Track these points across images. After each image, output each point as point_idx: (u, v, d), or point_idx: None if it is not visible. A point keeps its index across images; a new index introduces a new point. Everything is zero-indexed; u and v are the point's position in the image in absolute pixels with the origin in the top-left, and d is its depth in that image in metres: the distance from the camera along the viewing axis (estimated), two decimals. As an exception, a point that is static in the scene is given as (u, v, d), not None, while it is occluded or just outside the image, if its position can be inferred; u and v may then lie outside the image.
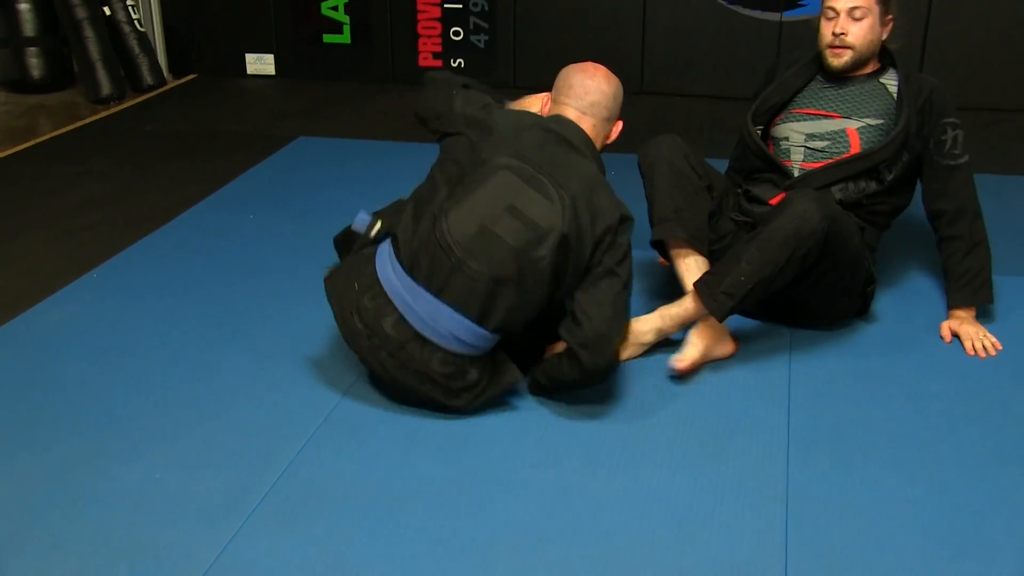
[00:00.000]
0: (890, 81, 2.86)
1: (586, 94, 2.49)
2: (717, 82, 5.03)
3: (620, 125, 2.57)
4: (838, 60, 2.80)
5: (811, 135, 2.88)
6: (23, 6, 5.20)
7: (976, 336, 2.75)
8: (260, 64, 5.72)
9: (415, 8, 5.43)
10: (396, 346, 2.36)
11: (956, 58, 4.93)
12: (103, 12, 5.25)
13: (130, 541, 2.01)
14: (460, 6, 5.37)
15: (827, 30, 2.80)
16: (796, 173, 2.87)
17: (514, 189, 2.36)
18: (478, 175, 2.40)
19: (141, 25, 5.44)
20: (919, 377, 2.62)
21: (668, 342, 2.71)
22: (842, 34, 2.76)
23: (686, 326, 2.66)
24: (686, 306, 2.64)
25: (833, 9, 2.78)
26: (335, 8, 5.52)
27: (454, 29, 5.42)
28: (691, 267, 2.76)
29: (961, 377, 2.62)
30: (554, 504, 2.14)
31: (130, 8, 5.37)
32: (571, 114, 2.49)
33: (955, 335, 2.79)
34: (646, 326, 2.67)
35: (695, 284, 2.61)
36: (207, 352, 2.75)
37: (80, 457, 2.28)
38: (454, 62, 5.46)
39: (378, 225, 2.57)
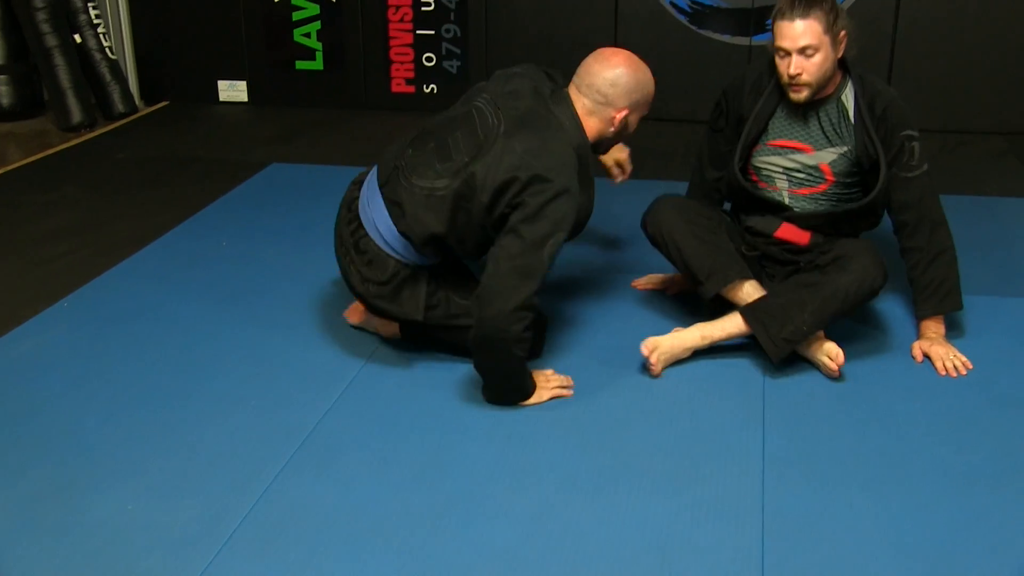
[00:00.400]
0: (848, 99, 2.89)
1: (587, 75, 2.61)
2: (689, 106, 5.06)
3: (624, 114, 2.62)
4: (798, 95, 2.82)
5: (788, 168, 2.93)
6: (-8, 34, 5.18)
7: (947, 356, 2.77)
8: (232, 91, 5.71)
9: (387, 34, 5.44)
10: (347, 224, 2.72)
11: (923, 82, 4.98)
12: (73, 40, 5.23)
13: (101, 574, 1.99)
14: (432, 32, 5.39)
15: (782, 69, 2.80)
16: (786, 199, 2.94)
17: (466, 126, 2.59)
18: (457, 105, 2.70)
19: (112, 52, 5.43)
20: (891, 397, 2.63)
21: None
22: (798, 74, 2.77)
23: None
24: (729, 331, 2.78)
25: (783, 49, 2.77)
26: (307, 35, 5.53)
27: (427, 55, 5.44)
28: (750, 294, 2.83)
29: (933, 396, 2.63)
30: (532, 528, 2.13)
31: (101, 35, 5.36)
32: (572, 91, 2.63)
33: (926, 355, 2.81)
34: (688, 343, 2.78)
35: (747, 316, 2.75)
36: (180, 380, 2.73)
37: (51, 488, 2.26)
38: (427, 88, 5.48)
39: None
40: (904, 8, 4.92)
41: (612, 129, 2.64)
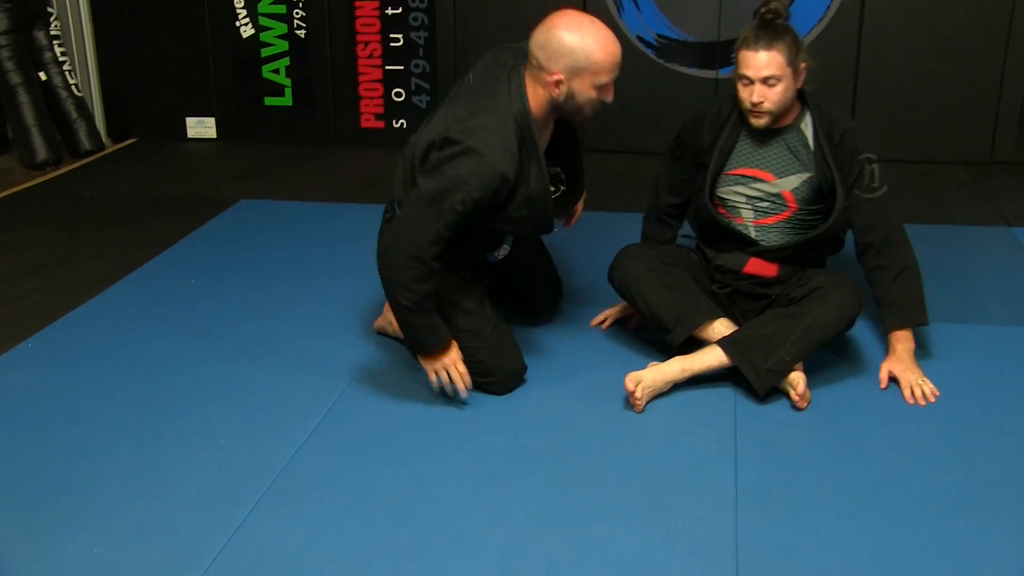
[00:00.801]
0: (807, 127, 2.95)
1: (530, 40, 2.62)
2: (658, 139, 5.09)
3: (558, 78, 2.56)
4: (759, 121, 2.87)
5: (752, 197, 2.97)
6: (-44, 72, 5.15)
7: (915, 383, 2.79)
8: (201, 127, 5.70)
9: (356, 70, 5.46)
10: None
11: (886, 114, 5.05)
12: (38, 77, 5.21)
13: (70, 617, 1.96)
14: (401, 67, 5.41)
15: (744, 96, 2.85)
16: (752, 232, 2.98)
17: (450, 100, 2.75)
18: None
19: (78, 90, 5.41)
20: (862, 425, 2.65)
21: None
22: (760, 102, 2.82)
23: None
24: (709, 364, 2.79)
25: (747, 77, 2.83)
26: (276, 71, 5.53)
27: (396, 90, 5.45)
28: (720, 332, 2.85)
29: (904, 424, 2.65)
30: (506, 564, 2.12)
31: (67, 73, 5.34)
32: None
33: (893, 380, 2.83)
34: (668, 376, 2.78)
35: (728, 349, 2.76)
36: (149, 419, 2.70)
37: (18, 531, 2.23)
38: (396, 123, 5.49)
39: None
40: (866, 42, 5.00)
41: (557, 94, 2.58)
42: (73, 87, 5.36)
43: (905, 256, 2.92)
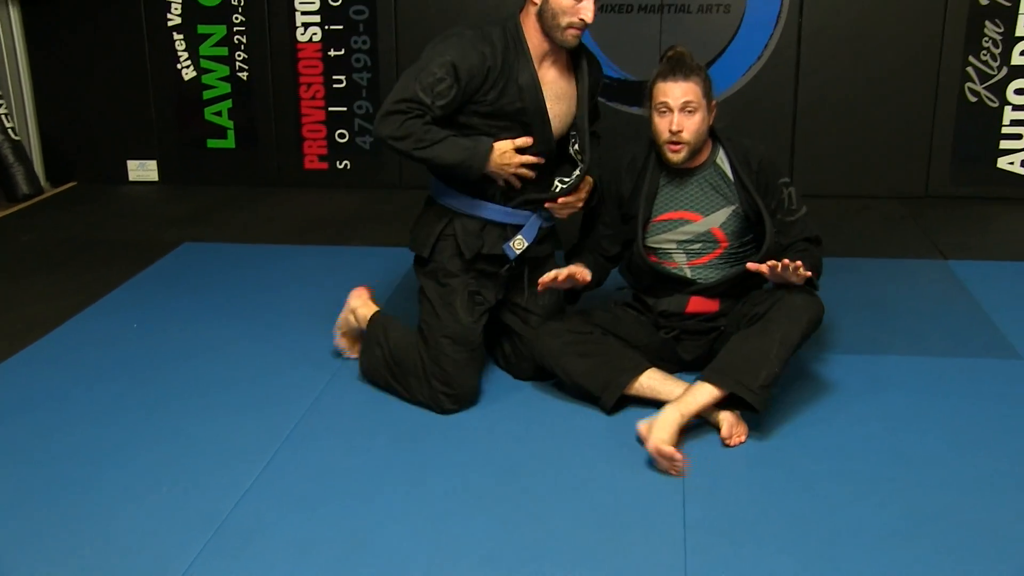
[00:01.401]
0: (723, 161, 3.01)
1: None
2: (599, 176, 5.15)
3: None
4: (677, 155, 2.92)
5: (682, 241, 3.02)
6: None
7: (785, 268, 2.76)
8: (142, 170, 5.66)
9: (299, 111, 5.46)
10: None
11: (823, 151, 5.16)
12: (-25, 122, 5.15)
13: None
14: (344, 109, 5.42)
15: (662, 127, 2.91)
16: (688, 272, 3.02)
17: None
18: None
19: (16, 133, 5.35)
20: (806, 459, 2.67)
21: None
22: (679, 131, 2.88)
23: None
24: (703, 402, 2.73)
25: (666, 105, 2.89)
26: (219, 113, 5.52)
27: (339, 131, 5.46)
28: (652, 384, 2.88)
29: (846, 457, 2.68)
30: (454, 607, 2.11)
31: (3, 116, 5.28)
32: None
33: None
34: (675, 426, 2.66)
35: (715, 379, 2.72)
36: (89, 467, 2.66)
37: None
38: (340, 164, 5.49)
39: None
40: (803, 81, 5.10)
41: (535, 4, 2.81)
42: (10, 131, 5.30)
43: (814, 251, 2.99)
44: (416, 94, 2.76)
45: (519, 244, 3.00)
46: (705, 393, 2.73)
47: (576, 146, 3.02)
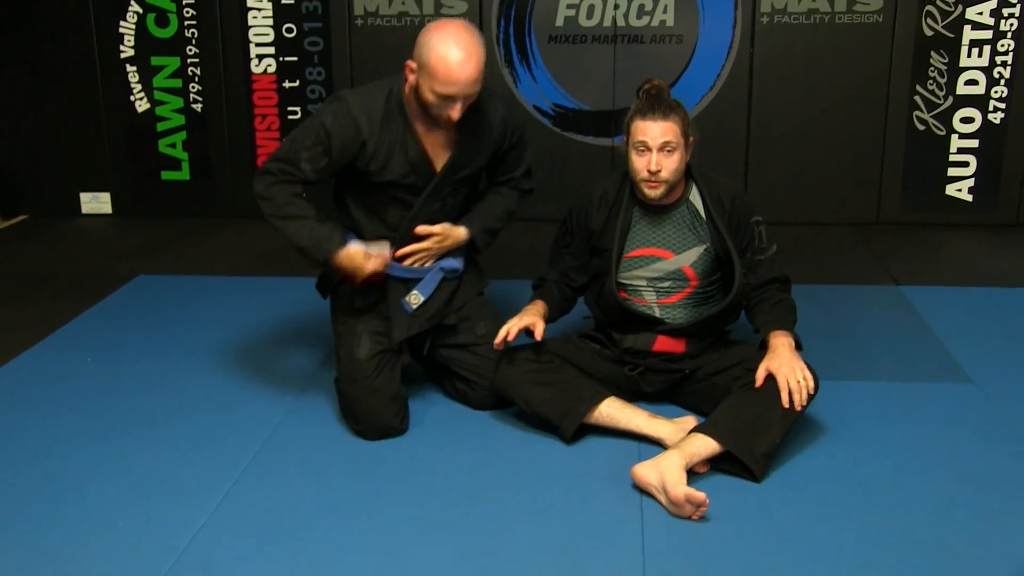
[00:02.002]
0: (696, 199, 3.02)
1: None
2: (556, 206, 5.17)
3: (412, 67, 2.78)
4: (654, 192, 2.93)
5: (652, 279, 3.02)
6: None
7: (792, 383, 2.75)
8: (96, 203, 5.61)
9: (254, 143, 5.44)
10: None
11: (776, 178, 5.22)
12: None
13: None
14: (300, 140, 5.41)
15: (640, 165, 2.90)
16: (656, 311, 3.02)
17: None
18: None
19: (-33, 167, 5.29)
20: (762, 485, 2.69)
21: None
22: (658, 171, 2.88)
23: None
24: (704, 455, 2.67)
25: (645, 144, 2.87)
26: (173, 145, 5.49)
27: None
28: (611, 412, 2.88)
29: (804, 483, 2.70)
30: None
31: (-45, 150, 5.23)
32: None
33: (771, 376, 2.79)
34: (679, 471, 2.58)
35: (720, 437, 2.68)
36: (40, 504, 2.61)
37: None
38: (296, 195, 5.47)
39: None
40: (755, 109, 5.17)
41: (411, 80, 2.78)
42: (-39, 164, 5.24)
43: (786, 297, 3.01)
44: (290, 155, 2.86)
45: (415, 299, 3.02)
46: (707, 446, 2.68)
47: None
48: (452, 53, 2.67)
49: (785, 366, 2.78)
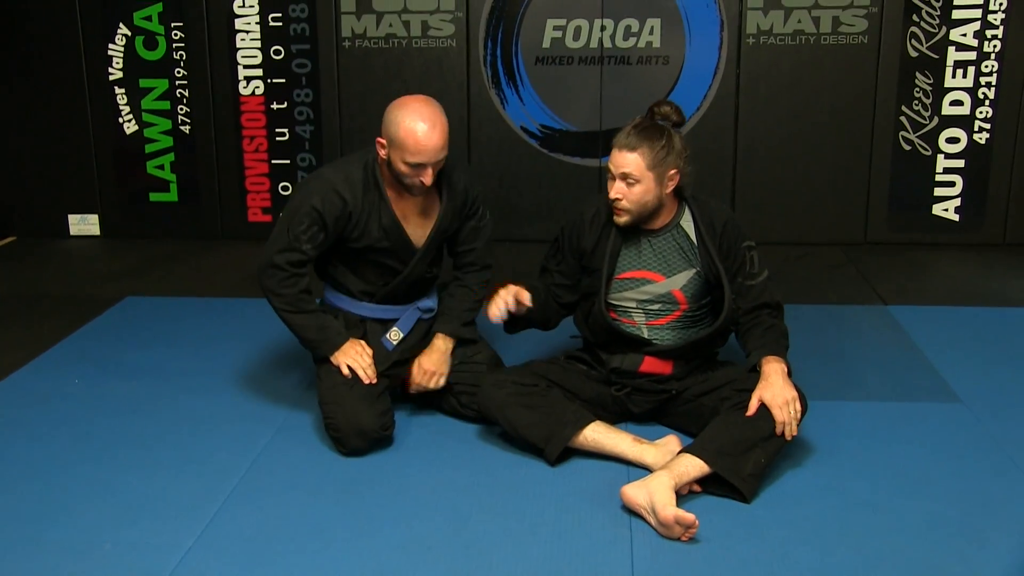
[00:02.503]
0: (688, 223, 3.03)
1: None
2: (542, 227, 5.19)
3: (382, 142, 2.95)
4: (619, 218, 2.96)
5: (642, 301, 3.03)
6: None
7: (785, 414, 2.75)
8: (84, 224, 5.60)
9: (243, 164, 5.45)
10: None
11: (764, 199, 5.25)
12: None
13: None
14: (288, 161, 5.42)
15: (609, 190, 2.94)
16: (645, 332, 3.03)
17: None
18: None
19: (-45, 189, 5.28)
20: (753, 505, 2.68)
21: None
22: (617, 198, 2.90)
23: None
24: (693, 477, 2.67)
25: (610, 171, 2.92)
26: (161, 167, 5.49)
27: (282, 184, 5.45)
28: (596, 437, 2.88)
29: (794, 503, 2.70)
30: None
31: (-58, 172, 5.21)
32: None
33: (763, 406, 2.78)
34: (669, 494, 2.57)
35: (708, 458, 2.68)
36: (27, 528, 2.59)
37: None
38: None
39: None
40: (742, 130, 5.20)
41: (383, 155, 2.96)
42: (-52, 186, 5.23)
43: (778, 322, 3.01)
44: (292, 243, 2.99)
45: (395, 336, 3.19)
46: (695, 467, 2.67)
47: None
48: (419, 126, 2.87)
49: (778, 397, 2.78)
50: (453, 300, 3.26)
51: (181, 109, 5.40)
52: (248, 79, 5.34)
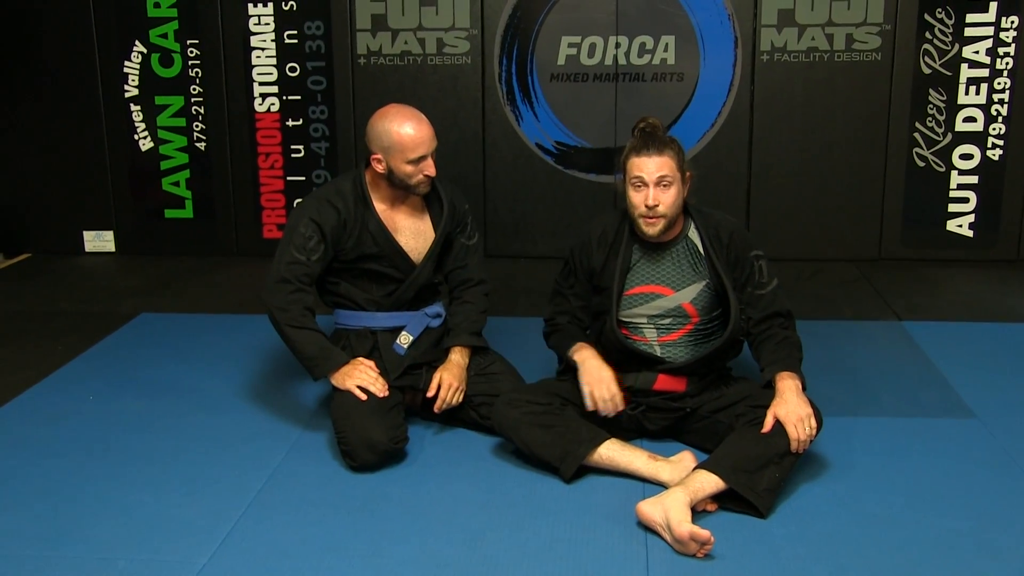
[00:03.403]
0: (695, 235, 3.05)
1: None
2: (557, 243, 5.20)
3: (378, 157, 3.11)
4: (653, 228, 2.95)
5: (653, 316, 3.03)
6: None
7: (800, 430, 2.74)
8: (99, 241, 5.63)
9: (258, 181, 5.47)
10: None
11: (778, 215, 5.24)
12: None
13: None
14: (303, 178, 5.44)
15: (638, 200, 2.93)
16: (657, 350, 3.03)
17: None
18: None
19: (-28, 206, 5.31)
20: (767, 521, 2.67)
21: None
22: (655, 205, 2.91)
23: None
24: (709, 492, 2.66)
25: (641, 180, 2.92)
26: (176, 183, 5.51)
27: (298, 201, 5.46)
28: (610, 455, 2.87)
29: (809, 519, 2.69)
30: None
31: (-41, 189, 5.24)
32: None
33: (779, 422, 2.78)
34: (684, 509, 2.57)
35: (723, 474, 2.67)
36: (40, 547, 2.60)
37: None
38: (299, 233, 5.49)
39: None
40: (756, 146, 5.20)
41: (382, 169, 3.12)
42: (-35, 203, 5.26)
43: (791, 328, 3.01)
44: (295, 256, 3.10)
45: (405, 339, 3.26)
46: (711, 483, 2.67)
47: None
48: (408, 124, 3.07)
49: (792, 414, 2.77)
50: (459, 316, 3.30)
51: (197, 126, 5.44)
52: (264, 96, 5.37)
